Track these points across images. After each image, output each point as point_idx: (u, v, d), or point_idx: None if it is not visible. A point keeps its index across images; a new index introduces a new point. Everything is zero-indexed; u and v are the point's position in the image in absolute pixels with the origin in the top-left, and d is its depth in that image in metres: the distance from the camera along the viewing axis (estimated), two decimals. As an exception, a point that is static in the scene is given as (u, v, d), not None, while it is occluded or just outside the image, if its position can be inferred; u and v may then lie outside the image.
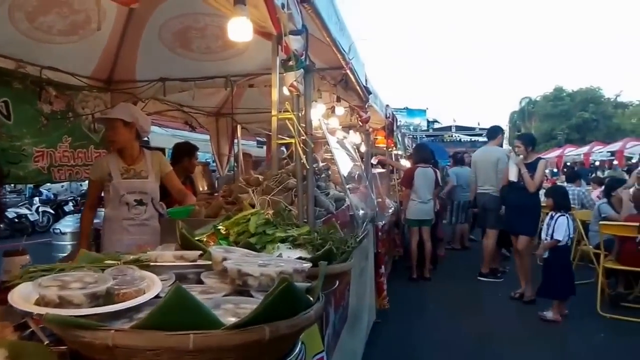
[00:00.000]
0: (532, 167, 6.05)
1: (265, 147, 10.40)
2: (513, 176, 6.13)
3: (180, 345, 0.98)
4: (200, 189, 5.23)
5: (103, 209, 3.61)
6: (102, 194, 3.55)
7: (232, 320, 1.07)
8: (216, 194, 3.50)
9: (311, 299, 1.24)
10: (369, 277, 4.71)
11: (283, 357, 1.23)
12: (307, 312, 1.16)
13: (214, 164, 7.30)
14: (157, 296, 1.17)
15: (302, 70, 2.40)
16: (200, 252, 1.58)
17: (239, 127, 6.81)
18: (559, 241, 5.29)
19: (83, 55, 4.40)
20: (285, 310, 1.11)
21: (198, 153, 5.29)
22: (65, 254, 5.24)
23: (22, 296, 1.10)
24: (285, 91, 2.51)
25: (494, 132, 7.44)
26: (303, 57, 2.42)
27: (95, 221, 5.75)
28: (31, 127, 4.06)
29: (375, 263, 4.99)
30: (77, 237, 5.27)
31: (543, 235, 5.54)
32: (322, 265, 1.43)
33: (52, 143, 4.29)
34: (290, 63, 2.35)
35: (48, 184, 13.25)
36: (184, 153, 4.97)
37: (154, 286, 1.19)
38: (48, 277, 1.11)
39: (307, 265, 1.45)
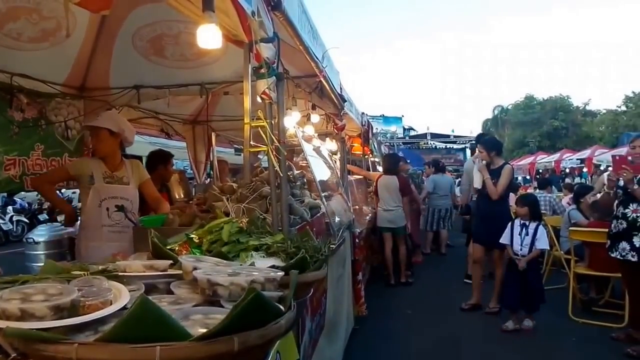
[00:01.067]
0: (496, 174, 5.69)
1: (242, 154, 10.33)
2: (477, 183, 5.82)
3: (146, 358, 0.95)
4: (177, 196, 5.16)
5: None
6: (77, 197, 3.47)
7: (201, 331, 1.06)
8: (190, 202, 3.46)
9: (282, 308, 1.23)
10: (347, 284, 4.70)
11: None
12: (278, 321, 1.15)
13: (191, 172, 7.22)
14: (124, 307, 1.14)
15: (274, 77, 2.40)
16: (171, 261, 1.55)
17: (213, 134, 6.77)
18: (543, 250, 5.20)
19: (55, 62, 4.32)
20: (254, 320, 1.09)
21: (175, 161, 5.23)
22: (36, 264, 5.11)
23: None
24: (258, 99, 2.50)
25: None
26: (275, 64, 2.41)
27: (69, 230, 5.61)
28: (2, 135, 3.96)
29: (352, 270, 4.98)
30: (51, 247, 5.14)
31: (516, 245, 5.28)
32: (293, 274, 1.42)
33: (24, 151, 4.18)
34: (262, 71, 2.34)
35: (22, 193, 12.90)
36: (159, 161, 4.91)
37: (121, 297, 1.16)
38: (10, 290, 1.08)
39: (279, 273, 1.43)
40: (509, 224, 5.48)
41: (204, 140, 6.85)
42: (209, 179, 7.02)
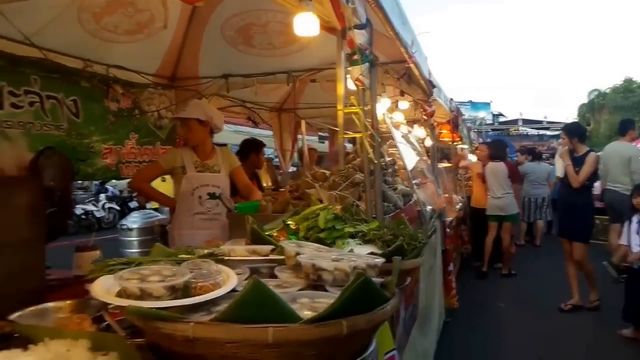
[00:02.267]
0: (579, 162, 5.46)
1: (327, 142, 10.44)
2: (560, 171, 5.72)
3: (259, 338, 0.99)
4: (265, 184, 5.33)
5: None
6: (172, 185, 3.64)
7: (309, 314, 1.08)
8: (281, 190, 3.54)
9: (387, 294, 1.23)
10: (438, 275, 4.63)
11: (359, 352, 1.22)
12: (384, 307, 1.15)
13: (277, 160, 7.41)
14: (233, 290, 1.19)
15: (367, 64, 2.39)
16: (272, 246, 1.60)
17: (303, 122, 6.88)
18: None
19: (148, 53, 4.58)
20: (362, 305, 1.10)
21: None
22: (130, 250, 5.52)
23: (104, 288, 1.15)
24: (351, 85, 2.51)
25: (624, 128, 7.02)
26: (368, 51, 2.41)
27: (160, 217, 5.99)
28: (99, 124, 4.26)
29: (443, 260, 4.90)
30: (143, 233, 5.54)
31: (634, 243, 4.83)
32: (396, 261, 1.41)
33: (120, 140, 4.50)
34: (355, 57, 2.35)
35: (113, 181, 13.76)
36: (251, 149, 5.09)
37: (231, 280, 1.21)
38: (128, 270, 1.16)
39: (381, 260, 1.43)
40: (627, 221, 5.07)
41: (290, 128, 7.00)
42: (294, 168, 7.17)
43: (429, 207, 3.92)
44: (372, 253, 1.69)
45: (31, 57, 3.53)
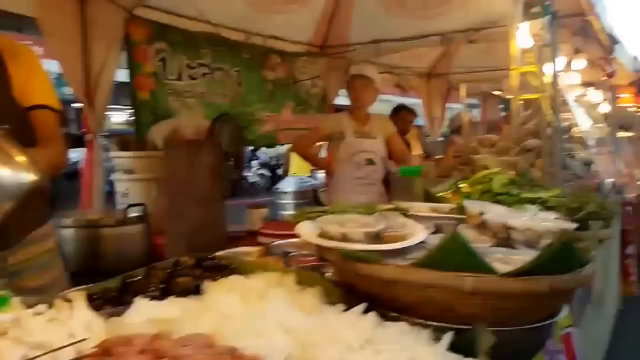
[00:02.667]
0: None
1: (480, 108, 10.06)
2: None
3: (458, 286, 1.06)
4: (414, 152, 5.36)
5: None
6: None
7: (506, 268, 1.12)
8: (437, 157, 3.56)
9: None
10: (614, 258, 4.30)
11: (550, 316, 1.24)
12: (582, 270, 1.15)
13: (425, 128, 7.36)
14: (421, 242, 1.28)
15: (548, 16, 2.29)
16: (452, 205, 1.66)
17: (463, 86, 6.69)
18: None
19: (302, 22, 4.84)
20: (562, 265, 1.12)
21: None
22: (285, 212, 5.95)
23: (307, 232, 1.31)
24: (524, 43, 2.42)
25: None
26: (549, 2, 2.30)
27: (312, 182, 6.34)
28: (259, 93, 4.66)
29: (621, 242, 4.53)
30: (297, 197, 5.94)
31: None
32: (594, 225, 1.39)
33: (277, 108, 4.87)
34: (535, 10, 2.26)
35: (263, 148, 14.66)
36: (402, 115, 5.13)
37: (419, 232, 1.30)
38: (328, 217, 1.30)
39: (573, 225, 1.42)
40: None
41: (440, 94, 6.90)
42: (444, 136, 7.06)
43: (607, 180, 3.65)
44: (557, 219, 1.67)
45: (203, 32, 3.98)
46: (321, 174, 7.43)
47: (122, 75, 3.65)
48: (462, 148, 2.85)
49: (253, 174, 15.55)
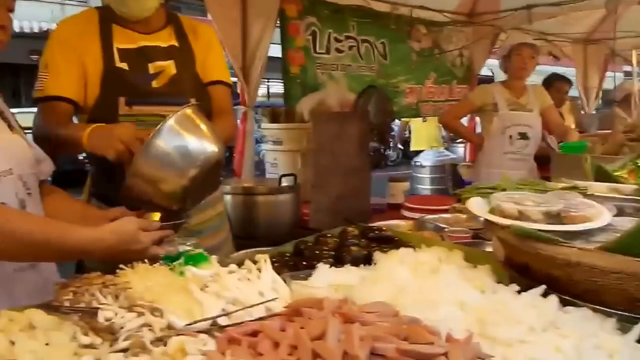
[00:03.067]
0: None
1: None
2: None
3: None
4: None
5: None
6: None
7: None
8: (599, 132, 3.26)
9: None
10: None
11: None
12: None
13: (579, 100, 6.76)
14: (606, 225, 1.19)
15: None
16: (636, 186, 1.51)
17: (634, 52, 6.01)
18: None
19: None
20: None
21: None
22: (422, 186, 5.91)
23: (477, 207, 1.28)
24: None
25: None
26: None
27: (451, 156, 6.21)
28: (403, 65, 4.59)
29: None
30: (434, 171, 5.87)
31: None
32: None
33: (420, 79, 4.77)
34: None
35: (396, 121, 14.57)
36: (556, 86, 4.77)
37: (604, 213, 1.20)
38: (502, 194, 1.26)
39: None
40: None
41: (598, 62, 6.28)
42: (600, 109, 6.44)
43: None
44: None
45: (350, 5, 4.01)
46: (460, 148, 7.21)
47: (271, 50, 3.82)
48: (635, 122, 2.57)
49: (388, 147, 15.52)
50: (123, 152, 1.39)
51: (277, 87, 16.40)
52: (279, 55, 3.70)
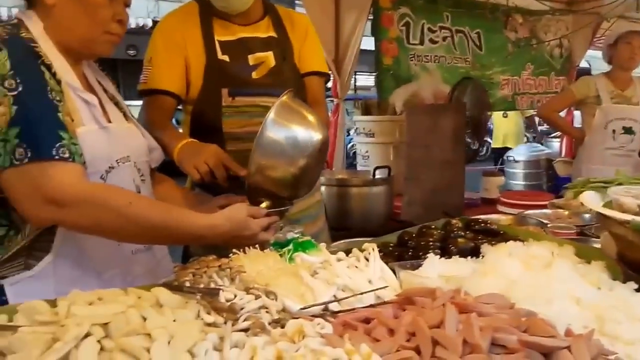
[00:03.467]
0: None
1: None
2: None
3: None
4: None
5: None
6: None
7: None
8: None
9: None
10: None
11: None
12: None
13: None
14: None
15: None
16: None
17: None
18: None
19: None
20: None
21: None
22: (515, 181, 5.66)
23: (591, 201, 1.22)
24: None
25: None
26: None
27: (547, 151, 5.90)
28: (499, 55, 4.43)
29: None
30: (529, 166, 5.61)
31: None
32: None
33: (516, 71, 4.59)
34: None
35: (488, 113, 13.97)
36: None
37: None
38: (621, 188, 1.20)
39: None
40: None
41: None
42: None
43: None
44: None
45: (445, -6, 3.93)
46: (555, 142, 6.84)
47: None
48: None
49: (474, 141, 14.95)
50: (206, 173, 1.44)
51: (363, 80, 16.31)
52: (366, 47, 3.70)
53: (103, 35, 1.24)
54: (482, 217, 2.01)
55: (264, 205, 1.40)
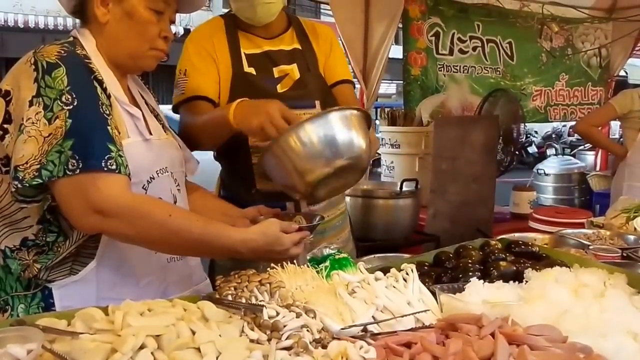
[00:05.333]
0: None
1: None
2: None
3: None
4: None
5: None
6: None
7: None
8: None
9: None
10: None
11: None
12: None
13: None
14: None
15: None
16: None
17: None
18: None
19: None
20: None
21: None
22: (545, 195, 5.56)
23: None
24: None
25: None
26: None
27: (579, 164, 5.80)
28: (531, 65, 4.38)
29: None
30: (559, 180, 5.50)
31: None
32: None
33: (550, 81, 4.53)
34: None
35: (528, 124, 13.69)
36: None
37: None
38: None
39: None
40: None
41: None
42: None
43: None
44: None
45: (476, 4, 3.90)
46: (589, 155, 6.70)
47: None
48: None
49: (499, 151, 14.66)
50: (267, 125, 1.40)
51: (384, 88, 16.36)
52: (390, 55, 3.69)
53: (150, 51, 1.33)
54: (517, 235, 1.97)
55: (295, 220, 1.40)
